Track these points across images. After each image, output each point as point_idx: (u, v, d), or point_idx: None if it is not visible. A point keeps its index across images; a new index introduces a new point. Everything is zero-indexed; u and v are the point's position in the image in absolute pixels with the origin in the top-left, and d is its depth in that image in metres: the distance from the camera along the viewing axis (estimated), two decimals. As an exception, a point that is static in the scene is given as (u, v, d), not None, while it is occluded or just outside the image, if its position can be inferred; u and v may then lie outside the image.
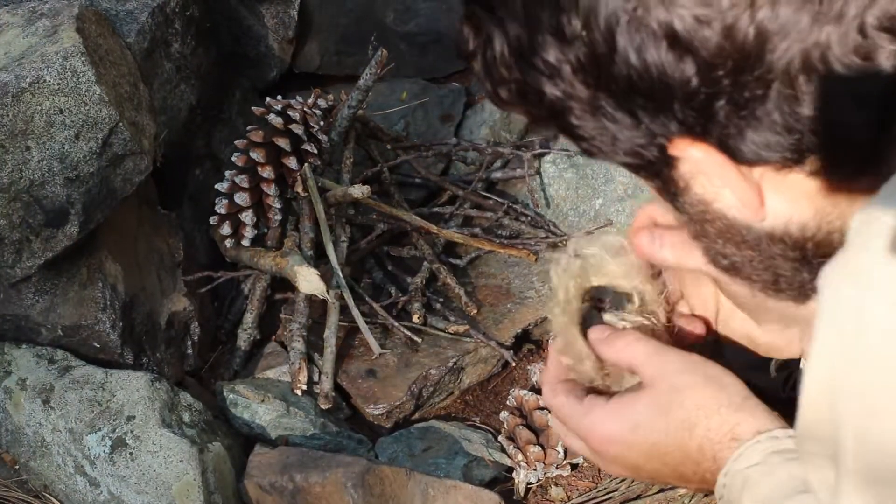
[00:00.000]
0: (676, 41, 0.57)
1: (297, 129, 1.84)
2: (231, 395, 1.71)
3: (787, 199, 0.63)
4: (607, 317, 0.83)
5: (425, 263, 1.96)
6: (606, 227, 1.95)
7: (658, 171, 0.66)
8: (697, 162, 0.63)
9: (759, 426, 0.76)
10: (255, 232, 1.88)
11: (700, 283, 0.86)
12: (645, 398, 0.79)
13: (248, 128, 1.87)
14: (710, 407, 0.77)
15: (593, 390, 0.83)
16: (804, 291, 0.70)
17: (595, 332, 0.83)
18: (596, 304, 0.84)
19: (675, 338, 0.86)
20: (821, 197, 0.63)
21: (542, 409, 1.70)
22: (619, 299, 0.84)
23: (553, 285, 0.83)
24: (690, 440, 0.77)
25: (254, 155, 1.82)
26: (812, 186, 0.62)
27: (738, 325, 0.88)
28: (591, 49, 0.59)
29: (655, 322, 0.83)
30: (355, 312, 1.80)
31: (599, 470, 1.70)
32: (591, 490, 1.66)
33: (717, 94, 0.58)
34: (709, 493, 0.83)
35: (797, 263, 0.67)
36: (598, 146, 0.65)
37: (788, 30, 0.55)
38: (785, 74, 0.56)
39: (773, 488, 0.72)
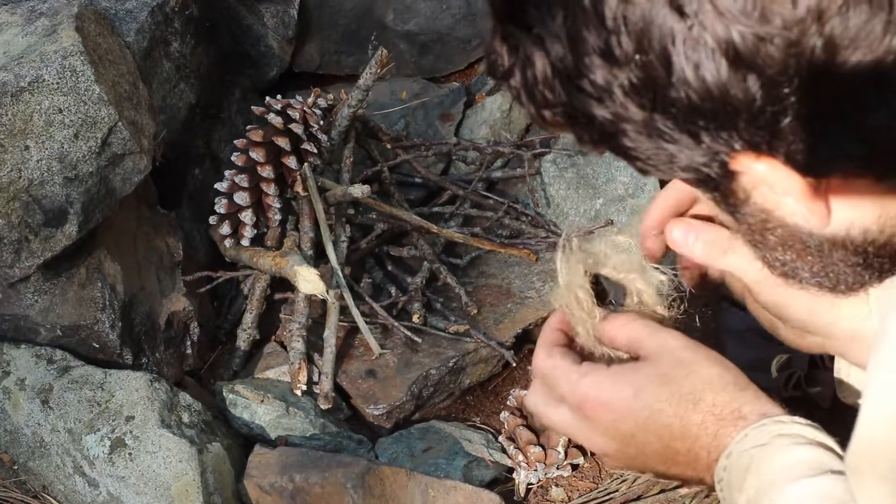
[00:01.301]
0: (738, 59, 0.54)
1: (297, 129, 1.84)
2: (230, 396, 1.71)
3: (852, 204, 0.62)
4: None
5: (425, 263, 1.96)
6: (607, 227, 1.95)
7: (717, 185, 0.64)
8: (762, 176, 0.60)
9: (763, 410, 0.75)
10: (255, 231, 1.88)
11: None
12: (649, 367, 0.78)
13: (248, 127, 1.87)
14: (716, 383, 0.76)
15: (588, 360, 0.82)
16: (860, 289, 0.70)
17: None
18: (597, 293, 0.85)
19: None
20: (887, 200, 0.62)
21: (543, 409, 1.70)
22: (619, 295, 0.84)
23: (557, 266, 0.84)
24: (694, 412, 0.76)
25: (253, 154, 1.82)
26: (879, 190, 0.61)
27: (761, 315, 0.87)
28: (646, 71, 0.56)
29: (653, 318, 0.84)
30: (355, 312, 1.80)
31: (600, 471, 1.70)
32: (591, 491, 1.66)
33: (784, 110, 0.55)
34: (692, 480, 0.81)
35: (858, 267, 0.67)
36: (654, 165, 0.63)
37: (860, 40, 0.53)
38: (856, 85, 0.54)
39: (780, 470, 0.72)
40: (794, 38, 0.53)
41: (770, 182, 0.61)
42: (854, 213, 0.63)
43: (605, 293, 0.85)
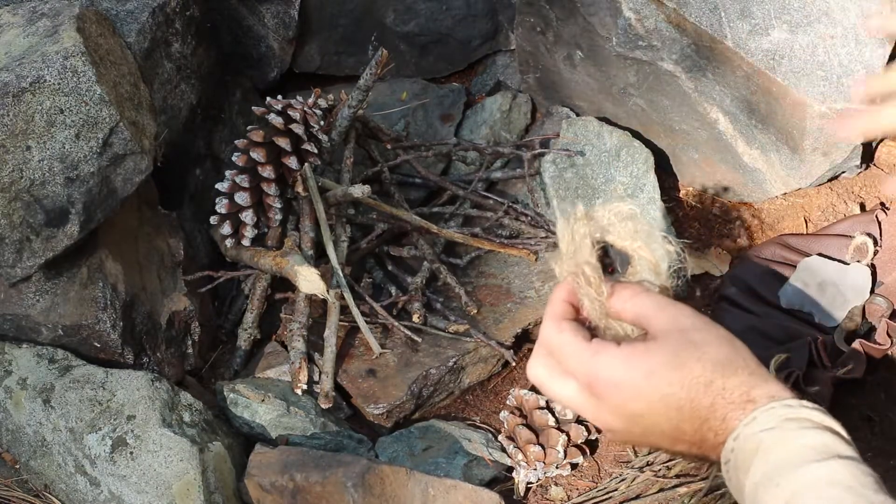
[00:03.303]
0: None
1: (298, 129, 1.84)
2: (231, 395, 1.71)
3: None
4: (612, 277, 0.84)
5: (425, 263, 1.96)
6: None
7: None
8: None
9: (772, 392, 0.76)
10: (256, 231, 1.89)
11: None
12: (660, 348, 0.78)
13: (249, 127, 1.87)
14: (727, 366, 0.77)
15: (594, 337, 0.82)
16: None
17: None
18: (602, 262, 0.84)
19: None
20: None
21: (542, 408, 1.70)
22: (623, 263, 0.84)
23: (559, 233, 0.83)
24: (704, 396, 0.76)
25: (254, 155, 1.82)
26: None
27: None
28: None
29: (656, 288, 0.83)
30: (355, 312, 1.80)
31: (599, 470, 1.70)
32: (590, 490, 1.66)
33: None
34: (695, 457, 0.81)
35: None
36: None
37: None
38: None
39: (788, 455, 0.72)
40: None
41: None
42: None
43: (608, 260, 0.84)
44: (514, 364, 1.85)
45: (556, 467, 1.67)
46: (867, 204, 2.01)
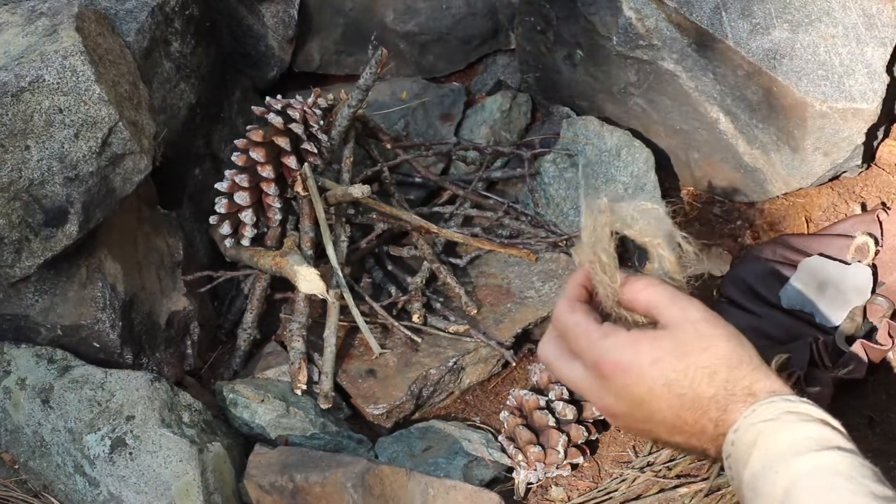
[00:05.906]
0: None
1: (297, 129, 1.84)
2: (231, 395, 1.71)
3: None
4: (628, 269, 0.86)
5: (425, 263, 1.96)
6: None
7: None
8: None
9: (774, 387, 0.78)
10: (255, 231, 1.88)
11: None
12: (669, 336, 0.79)
13: (248, 127, 1.87)
14: (732, 360, 0.79)
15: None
16: None
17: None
18: (620, 254, 0.86)
19: None
20: None
21: (543, 408, 1.70)
22: (642, 258, 0.86)
23: (583, 222, 0.85)
24: (708, 386, 0.78)
25: (254, 154, 1.82)
26: None
27: None
28: None
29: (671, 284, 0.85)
30: (355, 312, 1.80)
31: (599, 470, 1.70)
32: (591, 490, 1.66)
33: None
34: (692, 449, 0.82)
35: None
36: None
37: None
38: None
39: (787, 444, 0.73)
40: None
41: None
42: None
43: (627, 254, 0.86)
44: (514, 364, 1.85)
45: (557, 468, 1.67)
46: (868, 204, 2.01)
